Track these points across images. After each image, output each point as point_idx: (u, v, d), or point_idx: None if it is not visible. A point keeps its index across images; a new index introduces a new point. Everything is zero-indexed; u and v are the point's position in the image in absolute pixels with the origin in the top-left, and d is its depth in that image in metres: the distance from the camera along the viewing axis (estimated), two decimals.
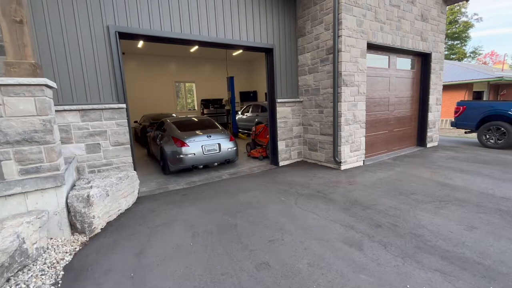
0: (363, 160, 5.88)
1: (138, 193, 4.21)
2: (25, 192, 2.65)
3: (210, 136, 5.74)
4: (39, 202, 2.74)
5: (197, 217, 3.42)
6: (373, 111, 6.21)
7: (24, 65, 2.68)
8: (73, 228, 3.00)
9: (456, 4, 18.16)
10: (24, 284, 2.15)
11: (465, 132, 8.28)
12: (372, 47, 5.78)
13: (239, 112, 12.08)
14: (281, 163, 6.10)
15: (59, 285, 2.20)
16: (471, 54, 33.14)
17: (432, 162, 5.81)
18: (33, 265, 2.39)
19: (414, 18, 6.50)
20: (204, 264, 2.40)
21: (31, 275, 2.26)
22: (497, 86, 17.88)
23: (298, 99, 6.22)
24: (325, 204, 3.67)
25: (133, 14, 4.11)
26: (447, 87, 14.64)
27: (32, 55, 2.77)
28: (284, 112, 6.04)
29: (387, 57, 6.41)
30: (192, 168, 5.71)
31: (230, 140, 5.98)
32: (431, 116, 7.50)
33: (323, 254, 2.49)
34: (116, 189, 3.51)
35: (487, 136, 7.29)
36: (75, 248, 2.75)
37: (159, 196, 4.31)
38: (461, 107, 8.00)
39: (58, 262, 2.48)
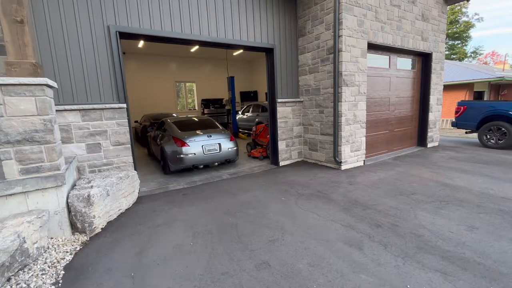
0: (364, 160, 5.88)
1: (138, 192, 4.21)
2: (25, 191, 2.65)
3: (211, 136, 5.74)
4: (40, 202, 2.75)
5: (198, 217, 3.42)
6: (373, 111, 6.21)
7: (25, 64, 2.69)
8: (74, 228, 3.00)
9: (457, 4, 18.12)
10: (25, 283, 2.16)
11: (466, 132, 8.27)
12: (373, 47, 5.78)
13: (240, 112, 12.09)
14: (281, 163, 6.10)
15: (60, 284, 2.21)
16: (472, 54, 33.10)
17: (433, 162, 5.81)
18: (34, 264, 2.39)
19: (414, 18, 6.49)
20: (204, 264, 2.40)
21: (32, 275, 2.26)
22: (498, 86, 17.85)
23: (298, 99, 6.22)
24: (325, 204, 3.67)
25: (133, 14, 4.11)
26: (447, 87, 14.62)
27: (33, 54, 2.77)
28: (285, 112, 6.04)
29: (388, 57, 6.40)
30: (193, 168, 5.72)
31: (231, 140, 5.98)
32: (431, 116, 7.49)
33: (324, 254, 2.49)
34: (117, 189, 3.51)
35: (488, 136, 7.28)
36: (76, 247, 2.76)
37: (160, 196, 4.31)
38: (462, 107, 7.99)
39: (58, 262, 2.48)
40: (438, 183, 4.34)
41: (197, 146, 5.47)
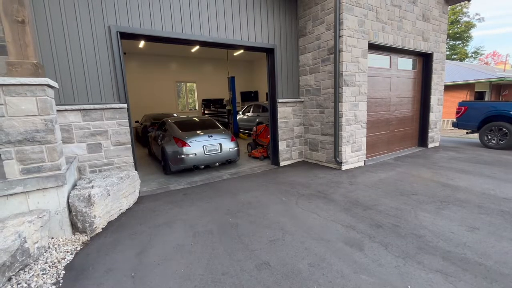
0: (364, 161, 5.87)
1: (139, 192, 4.21)
2: (26, 191, 2.65)
3: (212, 136, 5.74)
4: (41, 202, 2.75)
5: (198, 217, 3.42)
6: (374, 111, 6.20)
7: (26, 65, 2.69)
8: (74, 228, 3.01)
9: (457, 4, 18.11)
10: (26, 283, 2.16)
11: (467, 133, 8.25)
12: (374, 47, 5.77)
13: (240, 112, 12.09)
14: (282, 163, 6.10)
15: (60, 284, 2.21)
16: (473, 54, 33.03)
17: (434, 162, 5.80)
18: (35, 264, 2.40)
19: (415, 18, 6.48)
20: (204, 264, 2.40)
21: (33, 274, 2.26)
22: (499, 87, 17.82)
23: (299, 99, 6.22)
24: (326, 205, 3.67)
25: (134, 14, 4.12)
26: (448, 87, 14.59)
27: (34, 55, 2.78)
28: (285, 112, 6.04)
29: (389, 57, 6.40)
30: (193, 168, 5.72)
31: (232, 140, 5.98)
32: (432, 117, 7.48)
33: (324, 254, 2.48)
34: (117, 189, 3.52)
35: (489, 137, 7.26)
36: (76, 247, 2.76)
37: (160, 196, 4.31)
38: (463, 108, 7.97)
39: (59, 262, 2.48)
40: (439, 184, 4.33)
41: (198, 146, 5.46)
